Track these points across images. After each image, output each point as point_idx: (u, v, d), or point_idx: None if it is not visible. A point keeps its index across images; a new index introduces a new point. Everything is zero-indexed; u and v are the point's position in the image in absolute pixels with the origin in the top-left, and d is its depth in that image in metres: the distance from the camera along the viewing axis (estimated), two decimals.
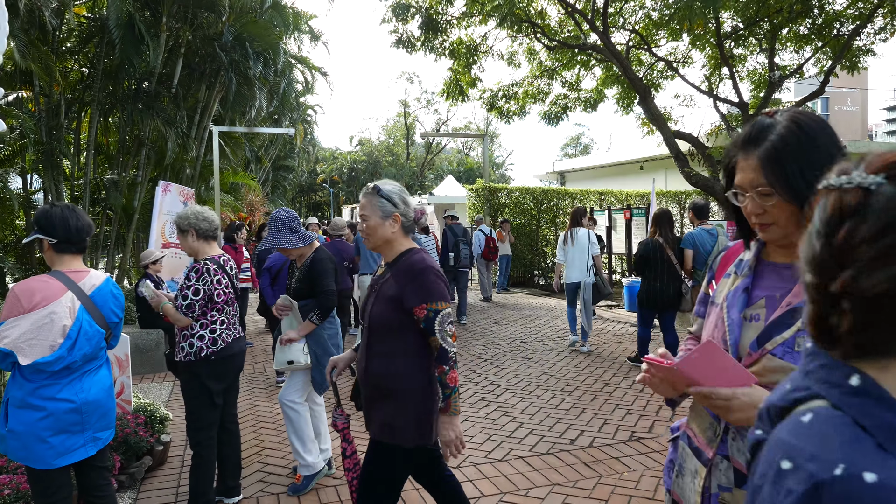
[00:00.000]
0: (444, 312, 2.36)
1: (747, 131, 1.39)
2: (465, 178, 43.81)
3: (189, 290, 3.26)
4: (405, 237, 2.52)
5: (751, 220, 1.40)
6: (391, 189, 2.49)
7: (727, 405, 1.30)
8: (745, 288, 1.44)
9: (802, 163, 1.29)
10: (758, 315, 1.40)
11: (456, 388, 2.35)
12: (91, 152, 12.34)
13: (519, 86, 15.26)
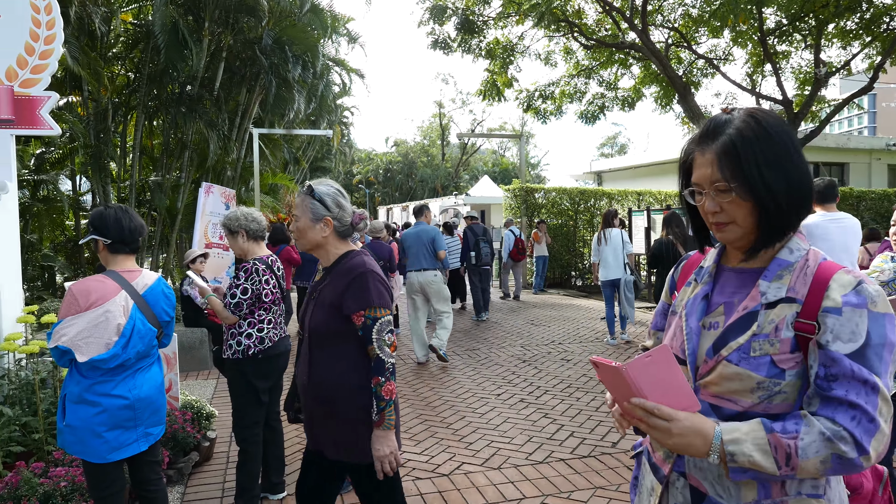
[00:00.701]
0: (382, 320, 2.22)
1: (704, 126, 1.35)
2: (500, 178, 43.69)
3: (238, 288, 3.33)
4: (341, 241, 2.38)
5: (708, 220, 1.35)
6: (325, 191, 2.35)
7: (667, 427, 1.20)
8: (705, 295, 1.40)
9: (759, 158, 1.25)
10: (717, 323, 1.35)
11: (391, 401, 2.19)
12: (136, 155, 12.66)
13: (556, 85, 15.18)
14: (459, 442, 4.80)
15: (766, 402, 1.24)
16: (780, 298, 1.26)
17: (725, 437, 1.19)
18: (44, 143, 12.12)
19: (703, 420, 1.22)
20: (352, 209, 2.40)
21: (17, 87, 4.13)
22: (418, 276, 7.45)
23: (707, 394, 1.31)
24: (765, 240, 1.29)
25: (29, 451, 3.70)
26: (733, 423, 1.22)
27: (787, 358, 1.23)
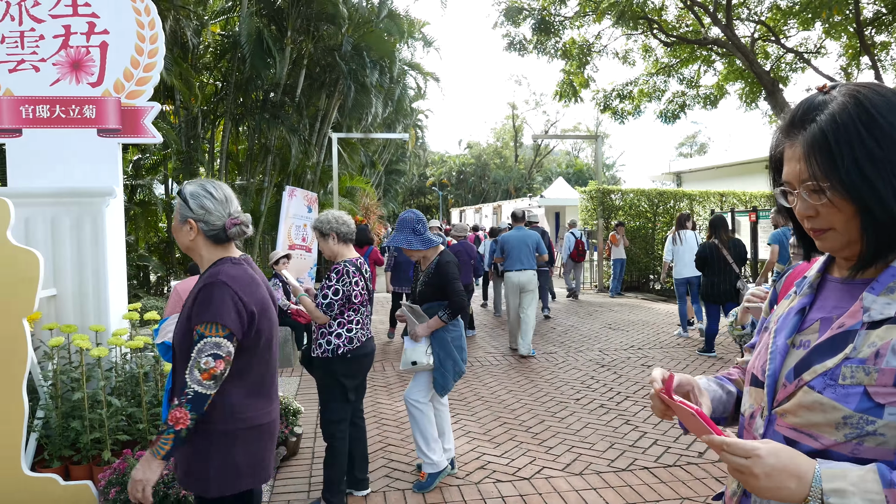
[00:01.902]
0: (209, 340, 1.97)
1: (793, 111, 1.12)
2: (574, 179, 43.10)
3: (329, 289, 3.43)
4: (214, 246, 2.17)
5: (804, 225, 1.12)
6: (191, 191, 2.16)
7: (748, 465, 0.98)
8: (801, 309, 1.18)
9: (859, 150, 1.00)
10: (807, 341, 1.12)
11: (174, 429, 1.91)
12: (223, 160, 13.26)
13: (634, 84, 14.85)
14: (539, 446, 4.77)
15: (854, 442, 1.00)
16: (887, 317, 1.01)
17: (826, 486, 0.94)
18: (140, 150, 12.86)
19: (793, 456, 0.98)
20: (225, 212, 2.15)
21: (124, 98, 4.41)
22: (519, 276, 7.90)
23: (783, 425, 1.10)
24: (874, 252, 1.04)
25: (134, 440, 3.93)
26: (837, 465, 0.97)
27: (888, 392, 0.98)
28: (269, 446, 2.21)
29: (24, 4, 4.30)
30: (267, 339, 2.19)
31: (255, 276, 2.21)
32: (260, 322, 2.12)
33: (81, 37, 4.34)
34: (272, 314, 2.24)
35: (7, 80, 4.30)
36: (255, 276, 2.21)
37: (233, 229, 2.17)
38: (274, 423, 2.25)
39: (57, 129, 4.35)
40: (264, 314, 2.16)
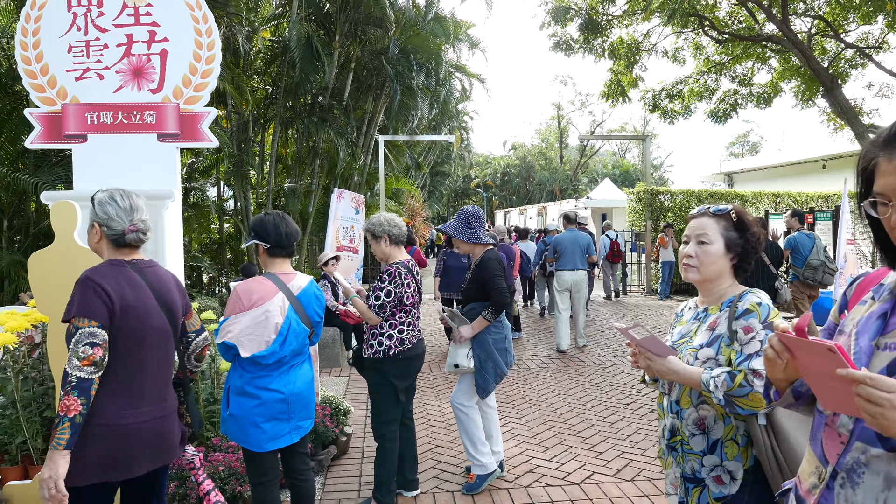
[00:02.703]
0: (85, 330, 2.07)
1: (891, 126, 1.17)
2: (620, 180, 42.48)
3: (382, 291, 3.47)
4: (115, 249, 2.33)
5: (894, 236, 1.17)
6: (100, 198, 2.32)
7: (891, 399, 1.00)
8: (883, 314, 1.22)
9: None
10: (893, 344, 1.17)
11: (66, 417, 1.99)
12: (273, 163, 13.53)
13: (684, 83, 14.56)
14: (589, 451, 4.71)
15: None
16: None
17: None
18: (194, 154, 13.22)
19: None
20: (127, 219, 2.30)
21: (183, 104, 4.54)
22: (572, 275, 8.27)
23: None
24: None
25: (191, 436, 4.04)
26: None
27: None
28: (131, 446, 2.24)
29: (90, 15, 4.47)
30: (136, 339, 2.26)
31: (136, 279, 2.31)
32: (124, 320, 2.20)
33: (143, 45, 4.49)
34: (150, 316, 2.31)
35: (74, 87, 4.47)
36: (136, 279, 2.31)
37: (130, 235, 2.33)
38: (143, 425, 2.27)
39: (119, 134, 4.51)
40: (132, 313, 2.23)
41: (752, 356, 1.81)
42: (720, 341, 1.88)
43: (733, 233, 1.98)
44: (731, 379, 1.77)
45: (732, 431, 1.86)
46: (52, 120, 4.47)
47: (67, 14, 4.46)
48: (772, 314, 1.84)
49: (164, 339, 2.38)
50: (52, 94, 4.46)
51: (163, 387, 2.40)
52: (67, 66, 4.47)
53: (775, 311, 1.86)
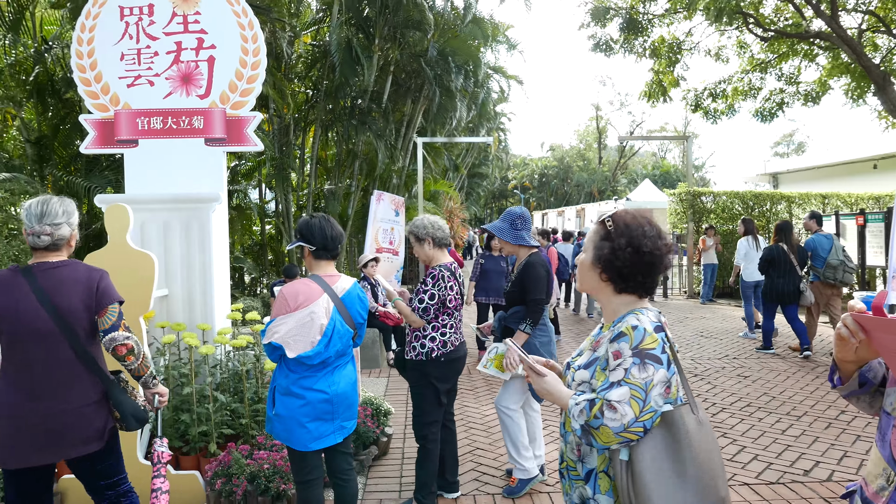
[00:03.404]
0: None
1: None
2: (660, 181, 41.83)
3: (426, 294, 3.49)
4: (35, 252, 2.61)
5: None
6: (25, 204, 2.59)
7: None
8: None
9: None
10: None
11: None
12: (313, 165, 13.72)
13: (727, 82, 14.26)
14: None
15: None
16: None
17: None
18: (237, 157, 13.50)
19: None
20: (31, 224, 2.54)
21: (229, 109, 4.65)
22: None
23: None
24: None
25: (237, 434, 4.13)
26: None
27: None
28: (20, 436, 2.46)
29: (141, 23, 4.61)
30: (14, 340, 2.48)
31: (13, 284, 2.52)
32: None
33: (191, 52, 4.61)
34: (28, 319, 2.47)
35: (126, 94, 4.62)
36: (13, 284, 2.52)
37: (28, 238, 2.59)
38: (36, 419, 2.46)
39: (168, 139, 4.64)
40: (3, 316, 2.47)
41: (613, 385, 1.61)
42: (597, 364, 1.73)
43: (604, 242, 1.80)
44: (590, 408, 1.63)
45: (605, 463, 1.71)
46: (106, 126, 4.62)
47: (120, 23, 4.62)
48: (647, 339, 1.63)
49: (50, 339, 2.50)
50: (105, 101, 4.62)
51: (58, 384, 2.51)
52: (120, 74, 4.62)
53: (653, 336, 1.64)
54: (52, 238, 2.58)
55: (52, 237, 2.58)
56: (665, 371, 1.63)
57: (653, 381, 1.60)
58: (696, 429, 1.64)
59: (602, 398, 1.61)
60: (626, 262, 1.76)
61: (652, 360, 1.62)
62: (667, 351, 1.66)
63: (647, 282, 1.80)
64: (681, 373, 1.72)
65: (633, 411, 1.57)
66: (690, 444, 1.61)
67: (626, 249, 1.75)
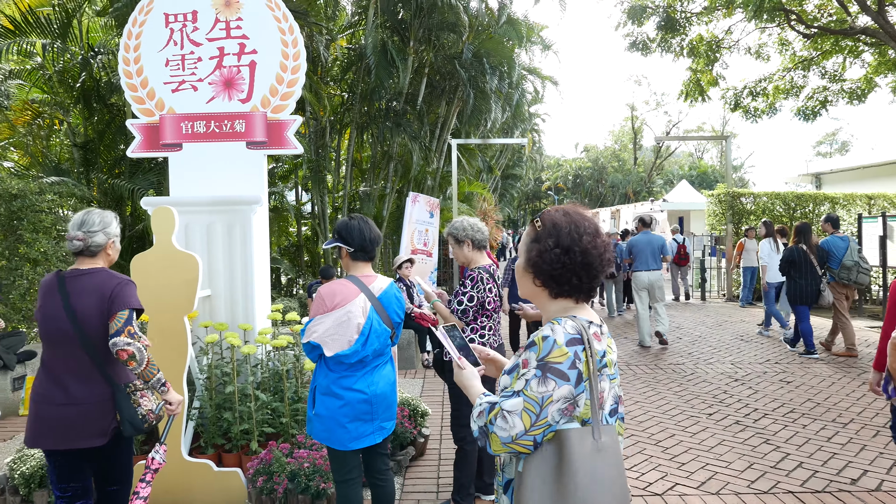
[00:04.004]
0: None
1: None
2: (697, 182, 41.12)
3: (465, 296, 3.50)
4: (76, 257, 2.86)
5: None
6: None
7: None
8: None
9: None
10: None
11: None
12: (349, 167, 13.83)
13: (768, 80, 13.97)
14: (671, 461, 4.59)
15: None
16: None
17: None
18: (273, 160, 13.70)
19: None
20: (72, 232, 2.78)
21: (270, 112, 4.72)
22: (648, 276, 8.87)
23: None
24: None
25: (277, 433, 4.19)
26: None
27: None
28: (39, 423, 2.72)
29: (185, 30, 4.72)
30: (45, 337, 2.75)
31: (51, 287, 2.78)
32: (38, 320, 2.76)
33: (233, 57, 4.70)
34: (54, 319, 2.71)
35: (170, 99, 4.73)
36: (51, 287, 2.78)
37: (67, 242, 2.83)
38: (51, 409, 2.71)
39: (211, 142, 4.74)
40: (40, 315, 2.75)
41: (512, 395, 1.55)
42: (516, 370, 1.64)
43: (534, 244, 1.71)
44: (488, 412, 1.58)
45: None
46: (151, 130, 4.74)
47: (165, 30, 4.73)
48: (555, 352, 1.54)
49: (69, 340, 2.71)
50: (150, 106, 4.73)
51: (71, 381, 2.73)
52: (165, 79, 4.73)
53: (562, 349, 1.55)
54: (85, 244, 2.80)
55: (85, 243, 2.80)
56: (570, 387, 1.54)
57: (551, 396, 1.52)
58: (591, 455, 1.54)
59: (499, 405, 1.56)
60: (555, 265, 1.66)
61: (554, 375, 1.53)
62: (578, 367, 1.55)
63: (584, 284, 1.69)
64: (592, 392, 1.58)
65: (522, 424, 1.52)
66: (579, 470, 1.52)
67: (555, 250, 1.66)
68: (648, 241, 8.94)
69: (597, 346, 1.60)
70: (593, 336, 1.61)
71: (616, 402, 1.68)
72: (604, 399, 1.61)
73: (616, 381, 1.69)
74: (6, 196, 7.43)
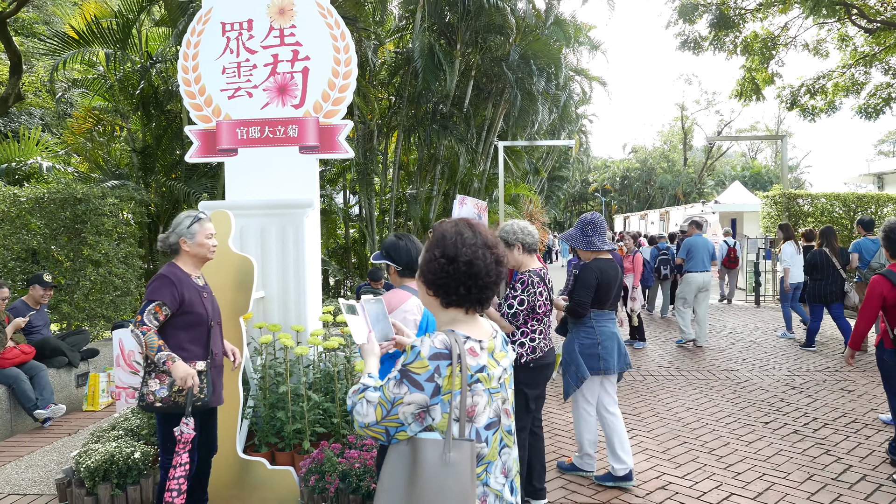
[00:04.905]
0: None
1: None
2: (750, 183, 40.01)
3: (515, 299, 3.50)
4: None
5: None
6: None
7: None
8: None
9: None
10: None
11: None
12: (396, 170, 13.96)
13: (827, 78, 13.53)
14: (725, 470, 4.47)
15: None
16: None
17: None
18: (323, 163, 13.91)
19: None
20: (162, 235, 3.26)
21: (322, 117, 4.80)
22: (703, 276, 9.09)
23: None
24: None
25: (329, 433, 4.25)
26: None
27: None
28: None
29: (241, 38, 4.85)
30: None
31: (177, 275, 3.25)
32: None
33: (287, 64, 4.80)
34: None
35: (227, 105, 4.86)
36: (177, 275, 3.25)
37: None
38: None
39: (265, 147, 4.85)
40: None
41: (379, 388, 1.67)
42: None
43: (424, 254, 1.75)
44: (358, 393, 1.70)
45: None
46: (208, 136, 4.88)
47: (222, 38, 4.86)
48: (416, 363, 1.61)
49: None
50: (208, 112, 4.87)
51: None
52: (221, 86, 4.87)
53: (423, 362, 1.61)
54: (164, 244, 3.30)
55: (164, 243, 3.29)
56: (423, 396, 1.60)
57: (402, 399, 1.60)
58: (436, 468, 1.59)
59: (365, 392, 1.68)
60: (440, 274, 1.69)
61: (410, 383, 1.61)
62: (436, 380, 1.61)
63: (473, 295, 1.71)
64: (452, 406, 1.62)
65: (375, 415, 1.63)
66: (427, 480, 1.58)
67: (440, 260, 1.69)
68: (703, 243, 9.17)
69: (470, 362, 1.64)
70: (468, 351, 1.65)
71: (498, 416, 1.72)
72: (475, 413, 1.66)
73: (500, 395, 1.73)
74: (71, 200, 7.75)
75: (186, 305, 3.21)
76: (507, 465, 1.76)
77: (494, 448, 1.70)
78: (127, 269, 8.10)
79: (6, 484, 4.45)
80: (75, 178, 10.77)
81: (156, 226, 10.43)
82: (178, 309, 3.19)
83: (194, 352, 3.26)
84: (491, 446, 1.69)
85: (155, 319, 3.13)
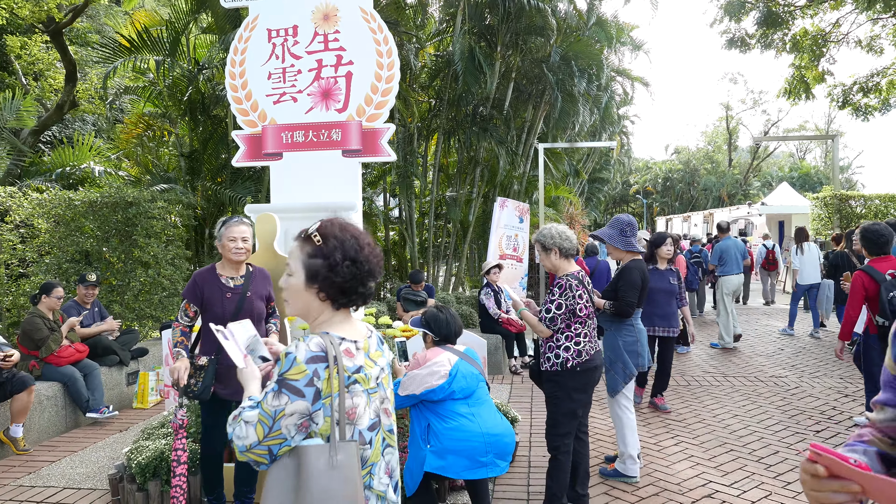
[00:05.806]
0: None
1: None
2: (798, 184, 38.88)
3: (553, 304, 3.48)
4: None
5: None
6: None
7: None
8: None
9: None
10: None
11: None
12: (435, 172, 14.00)
13: (881, 75, 13.06)
14: (775, 479, 4.35)
15: None
16: None
17: None
18: (363, 166, 14.03)
19: None
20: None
21: (365, 121, 4.85)
22: (739, 278, 9.38)
23: None
24: None
25: None
26: None
27: None
28: None
29: (286, 44, 4.93)
30: None
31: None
32: None
33: (331, 69, 4.87)
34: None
35: (272, 110, 4.95)
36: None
37: None
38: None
39: (309, 151, 4.92)
40: None
41: (256, 405, 1.60)
42: None
43: (317, 260, 1.67)
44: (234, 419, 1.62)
45: None
46: (254, 140, 4.98)
47: (268, 45, 4.96)
48: (293, 369, 1.56)
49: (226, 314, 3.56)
50: (254, 117, 4.97)
51: None
52: (267, 91, 4.96)
53: (301, 367, 1.56)
54: None
55: None
56: (305, 403, 1.56)
57: (283, 410, 1.55)
58: (326, 471, 1.56)
59: (241, 414, 1.61)
60: (346, 277, 1.67)
61: (289, 391, 1.56)
62: (316, 384, 1.57)
63: (368, 291, 1.74)
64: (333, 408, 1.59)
65: (256, 435, 1.56)
66: (313, 486, 1.54)
67: (344, 263, 1.67)
68: (735, 245, 9.55)
69: (346, 363, 1.62)
70: (344, 352, 1.63)
71: (378, 416, 1.71)
72: (357, 414, 1.64)
73: (378, 394, 1.71)
74: (122, 203, 8.00)
75: (206, 303, 3.51)
76: (390, 465, 1.76)
77: (378, 449, 1.71)
78: (174, 271, 8.32)
79: (62, 478, 4.62)
80: (126, 182, 11.10)
81: (202, 228, 10.68)
82: (200, 306, 3.53)
83: (207, 347, 3.55)
84: (374, 447, 1.69)
85: (185, 316, 3.52)
